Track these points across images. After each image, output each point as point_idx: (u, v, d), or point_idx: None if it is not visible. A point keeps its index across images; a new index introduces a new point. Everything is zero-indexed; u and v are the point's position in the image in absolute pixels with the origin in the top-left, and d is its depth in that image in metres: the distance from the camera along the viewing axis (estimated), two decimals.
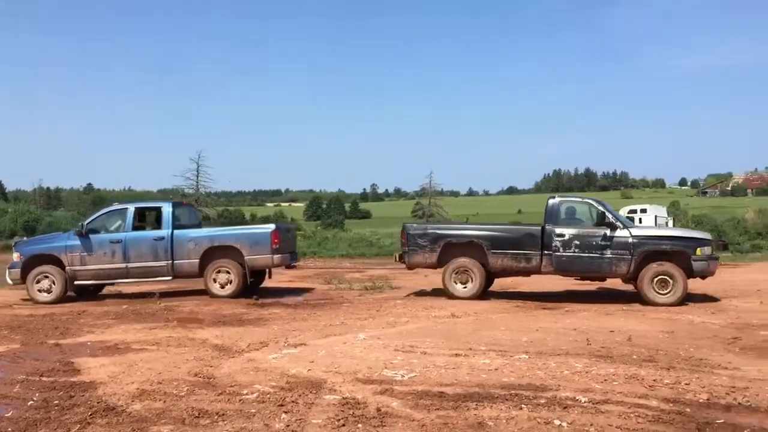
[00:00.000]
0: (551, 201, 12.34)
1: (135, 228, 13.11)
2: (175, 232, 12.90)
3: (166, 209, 13.13)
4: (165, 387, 5.63)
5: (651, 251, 11.51)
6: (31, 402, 5.21)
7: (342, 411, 4.80)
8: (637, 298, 11.59)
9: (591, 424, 4.45)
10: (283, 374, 6.04)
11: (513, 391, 5.30)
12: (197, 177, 63.95)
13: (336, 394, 5.29)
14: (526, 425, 4.45)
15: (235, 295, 12.45)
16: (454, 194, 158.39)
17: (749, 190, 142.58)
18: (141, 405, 5.07)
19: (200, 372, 6.20)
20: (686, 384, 5.56)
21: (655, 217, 38.34)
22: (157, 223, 13.31)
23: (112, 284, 13.80)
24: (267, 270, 13.74)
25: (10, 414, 4.86)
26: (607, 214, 11.85)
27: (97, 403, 5.15)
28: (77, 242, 12.87)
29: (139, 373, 6.17)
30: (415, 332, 8.40)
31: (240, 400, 5.17)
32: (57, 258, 12.87)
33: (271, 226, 13.03)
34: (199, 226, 14.29)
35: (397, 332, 8.41)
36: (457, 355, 6.79)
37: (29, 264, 12.89)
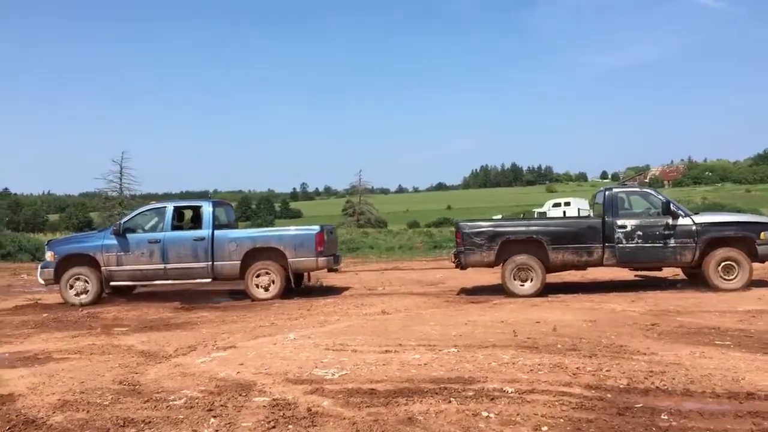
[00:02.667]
0: (608, 193, 12.11)
1: (174, 228, 12.66)
2: (216, 232, 12.48)
3: (207, 208, 12.70)
4: (88, 396, 5.46)
5: (715, 238, 11.45)
6: None
7: (272, 412, 4.77)
8: (563, 289, 11.92)
9: (518, 414, 4.56)
10: (212, 378, 5.95)
11: (442, 385, 5.37)
12: (120, 179, 62.31)
13: (266, 396, 5.24)
14: (454, 418, 4.52)
15: (277, 298, 12.10)
16: (384, 192, 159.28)
17: (666, 182, 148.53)
18: (63, 416, 4.90)
19: (125, 379, 6.05)
20: (607, 371, 5.76)
21: (578, 209, 39.56)
22: (194, 223, 12.90)
23: (144, 286, 13.31)
24: (307, 273, 13.37)
25: None
26: (671, 202, 11.74)
27: (16, 416, 4.95)
28: (114, 242, 12.42)
29: (61, 384, 5.96)
30: (346, 330, 8.41)
31: (167, 407, 5.06)
32: (92, 258, 12.37)
33: (316, 228, 12.62)
34: (236, 226, 13.82)
35: (328, 331, 8.40)
36: (387, 351, 6.84)
37: (63, 264, 12.35)
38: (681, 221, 11.53)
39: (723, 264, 11.32)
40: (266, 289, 12.27)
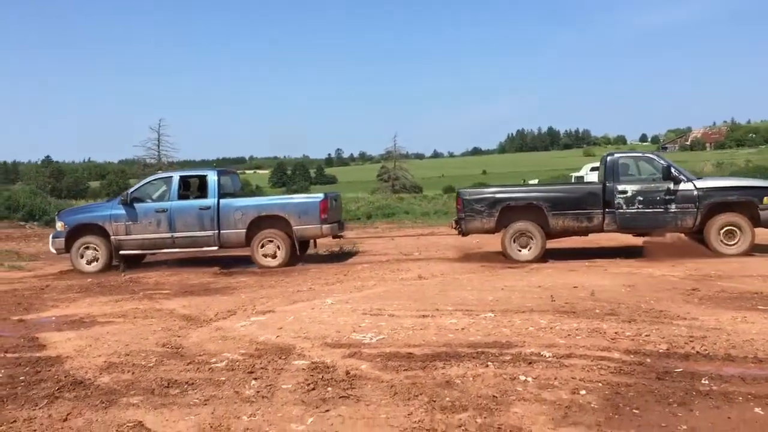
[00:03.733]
0: (610, 158, 12.12)
1: (180, 197, 12.87)
2: (222, 201, 12.66)
3: (212, 177, 12.86)
4: (133, 359, 5.60)
5: (717, 203, 11.40)
6: None
7: (311, 375, 4.84)
8: (599, 253, 11.81)
9: (555, 378, 4.56)
10: (252, 341, 6.06)
11: (479, 350, 5.39)
12: (158, 146, 63.01)
13: (305, 359, 5.32)
14: (492, 382, 4.54)
15: (282, 266, 12.27)
16: (419, 157, 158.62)
17: (708, 145, 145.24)
18: (109, 377, 5.05)
19: (168, 342, 6.19)
20: (647, 336, 5.71)
21: None
22: (201, 192, 13.06)
23: (154, 254, 13.61)
24: (313, 240, 13.55)
25: None
26: (671, 167, 11.68)
27: (65, 377, 5.11)
28: (122, 211, 12.70)
29: (106, 346, 6.13)
30: (383, 295, 8.46)
31: (209, 369, 5.18)
32: (101, 227, 12.67)
33: (320, 196, 12.81)
34: (240, 194, 13.99)
35: (365, 296, 8.46)
36: (424, 316, 6.87)
37: (73, 233, 12.69)
38: (682, 186, 11.51)
39: (725, 229, 11.29)
40: (272, 257, 12.44)
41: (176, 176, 13.13)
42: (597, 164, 42.81)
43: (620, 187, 11.65)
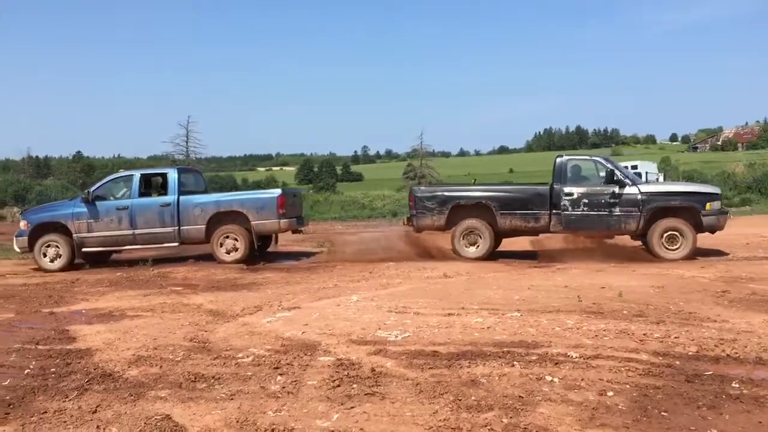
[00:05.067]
0: (559, 160, 12.30)
1: (141, 194, 13.03)
2: (181, 198, 12.83)
3: (172, 175, 13.04)
4: (161, 352, 5.67)
5: (660, 207, 11.54)
6: (28, 370, 5.24)
7: (337, 372, 4.85)
8: (632, 254, 11.67)
9: (582, 379, 4.52)
10: (278, 337, 6.09)
11: (505, 349, 5.36)
12: (187, 143, 63.51)
13: (330, 356, 5.34)
14: (518, 381, 4.51)
15: (241, 261, 12.42)
16: (446, 155, 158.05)
17: (740, 144, 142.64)
18: (137, 371, 5.11)
19: (195, 337, 6.25)
20: (676, 337, 5.64)
21: (646, 173, 38.44)
22: (163, 190, 13.22)
23: (119, 252, 13.79)
24: (274, 235, 13.73)
25: (7, 382, 4.89)
26: (615, 171, 11.84)
27: (94, 369, 5.18)
28: (84, 209, 12.84)
29: (135, 340, 6.20)
30: (408, 293, 8.46)
31: (236, 364, 5.22)
32: (64, 225, 12.82)
33: (278, 191, 13.06)
34: (205, 192, 14.20)
35: (390, 293, 8.46)
36: (449, 314, 6.85)
37: (36, 232, 12.86)
38: (627, 190, 11.69)
39: (667, 234, 11.41)
40: (230, 252, 12.60)
41: (137, 174, 13.34)
42: (625, 164, 42.42)
43: (566, 189, 11.87)
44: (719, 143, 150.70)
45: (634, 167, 40.05)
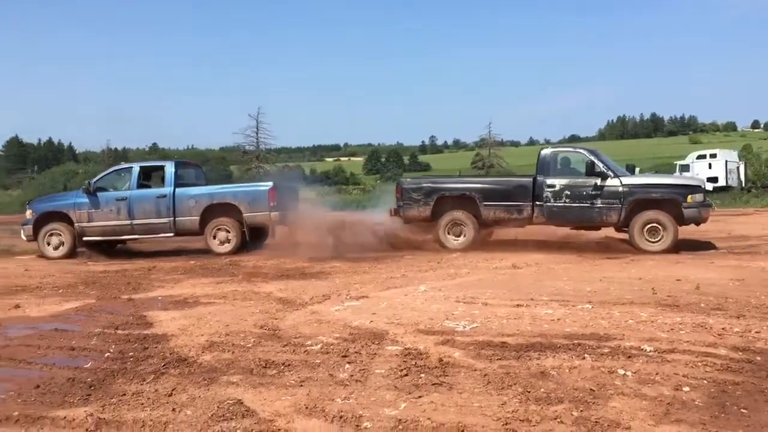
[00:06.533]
0: (543, 152, 12.51)
1: (140, 186, 13.58)
2: (177, 190, 13.32)
3: (169, 168, 13.60)
4: (233, 339, 5.80)
5: (641, 199, 11.55)
6: (108, 354, 5.44)
7: (405, 361, 4.86)
8: (706, 246, 11.28)
9: (657, 373, 4.39)
10: (346, 326, 6.14)
11: (576, 341, 5.26)
12: (257, 134, 64.70)
13: (398, 345, 5.35)
14: (589, 374, 4.42)
15: (233, 252, 12.81)
16: (515, 144, 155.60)
17: None
18: (211, 356, 5.24)
19: (266, 324, 6.36)
20: (757, 332, 5.41)
21: (725, 161, 37.00)
22: (162, 182, 13.71)
23: (123, 242, 14.36)
24: (270, 228, 14.02)
25: (89, 365, 5.10)
26: (596, 163, 11.85)
27: (170, 354, 5.34)
28: (85, 200, 13.46)
29: (208, 326, 6.37)
30: (476, 283, 8.40)
31: (305, 351, 5.29)
32: (66, 215, 13.44)
33: (269, 184, 13.30)
34: (205, 185, 14.56)
35: (458, 284, 8.42)
36: (518, 305, 6.77)
37: (40, 221, 13.50)
38: (609, 182, 11.68)
39: (648, 226, 11.32)
40: (222, 243, 12.98)
41: (136, 167, 13.85)
42: (704, 152, 40.96)
43: (549, 181, 12.02)
44: None
45: (713, 155, 38.56)
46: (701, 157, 39.44)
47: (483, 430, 3.57)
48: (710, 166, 37.59)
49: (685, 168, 38.28)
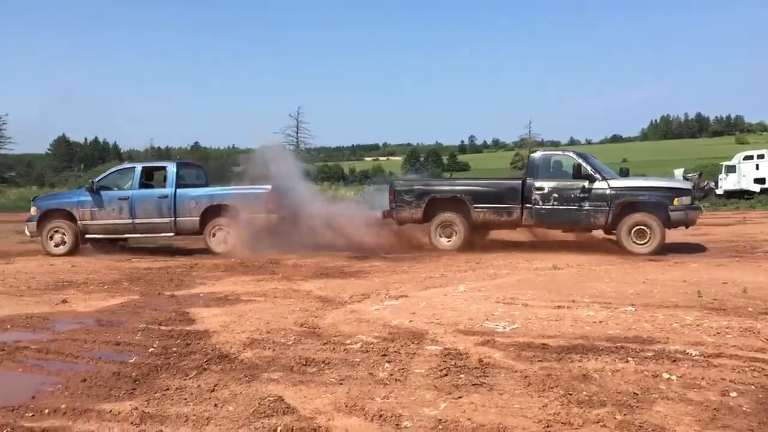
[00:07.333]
0: (533, 155, 12.66)
1: (142, 186, 13.76)
2: (178, 190, 13.44)
3: (171, 169, 13.73)
4: (273, 336, 5.85)
5: (628, 202, 11.54)
6: (152, 349, 5.54)
7: (444, 361, 4.85)
8: (751, 249, 11.00)
9: (702, 378, 4.30)
10: (386, 325, 6.15)
11: (619, 344, 5.18)
12: (297, 133, 65.24)
13: (438, 345, 5.34)
14: (633, 378, 4.35)
15: (230, 252, 12.84)
16: (555, 144, 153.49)
17: None
18: (252, 353, 5.30)
19: (306, 322, 6.41)
20: None
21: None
22: (165, 182, 13.87)
23: (124, 239, 14.52)
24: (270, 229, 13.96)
25: (133, 360, 5.20)
26: (583, 166, 11.87)
27: (212, 350, 5.42)
28: (88, 198, 13.64)
29: (249, 323, 6.43)
30: (516, 284, 8.33)
31: (344, 350, 5.31)
32: (69, 213, 13.66)
33: (267, 187, 13.32)
34: (206, 186, 14.68)
35: (498, 284, 8.36)
36: (559, 307, 6.69)
37: (44, 218, 13.74)
38: (596, 185, 11.76)
39: (635, 228, 11.31)
40: (223, 244, 13.02)
41: (139, 167, 14.00)
42: (751, 152, 39.92)
43: (538, 184, 12.10)
44: None
45: (761, 156, 37.55)
46: (748, 157, 38.43)
47: None
48: (757, 167, 36.64)
49: (731, 169, 37.40)
